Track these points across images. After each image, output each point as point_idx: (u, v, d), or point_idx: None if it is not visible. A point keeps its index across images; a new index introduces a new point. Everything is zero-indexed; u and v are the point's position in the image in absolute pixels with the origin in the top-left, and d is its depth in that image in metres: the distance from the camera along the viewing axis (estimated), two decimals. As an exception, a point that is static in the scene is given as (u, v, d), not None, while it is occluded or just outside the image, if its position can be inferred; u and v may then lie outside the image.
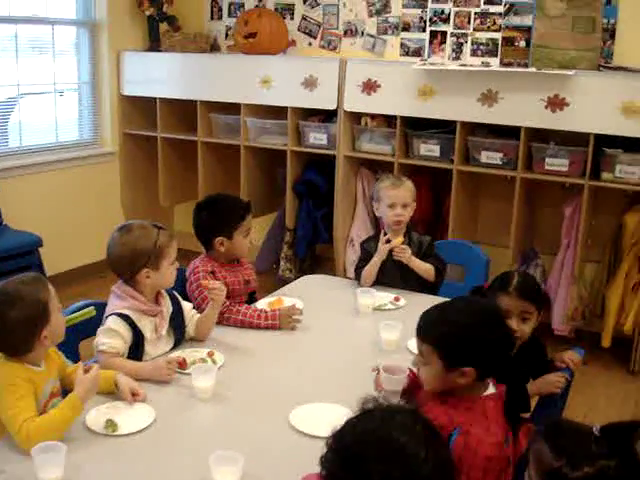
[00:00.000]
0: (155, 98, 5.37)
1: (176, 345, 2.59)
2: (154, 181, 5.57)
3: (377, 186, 3.34)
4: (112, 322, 2.38)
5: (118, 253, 2.46)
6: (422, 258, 3.24)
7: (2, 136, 5.00)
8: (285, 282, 4.94)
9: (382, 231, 3.27)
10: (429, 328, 1.89)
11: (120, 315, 2.40)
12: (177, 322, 2.59)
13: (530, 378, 2.47)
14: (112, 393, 2.21)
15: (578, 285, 4.33)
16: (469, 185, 4.61)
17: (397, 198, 3.23)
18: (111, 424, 2.05)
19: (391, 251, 3.20)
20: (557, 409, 2.43)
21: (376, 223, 4.94)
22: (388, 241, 3.21)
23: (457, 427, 1.78)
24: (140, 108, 5.54)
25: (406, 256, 3.18)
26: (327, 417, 2.12)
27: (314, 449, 1.95)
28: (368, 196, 4.93)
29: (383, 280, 3.25)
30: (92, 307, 2.45)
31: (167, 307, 2.57)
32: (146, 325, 2.47)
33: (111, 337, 2.36)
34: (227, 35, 5.59)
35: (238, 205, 3.03)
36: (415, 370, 2.06)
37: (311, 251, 5.33)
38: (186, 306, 2.68)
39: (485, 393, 1.88)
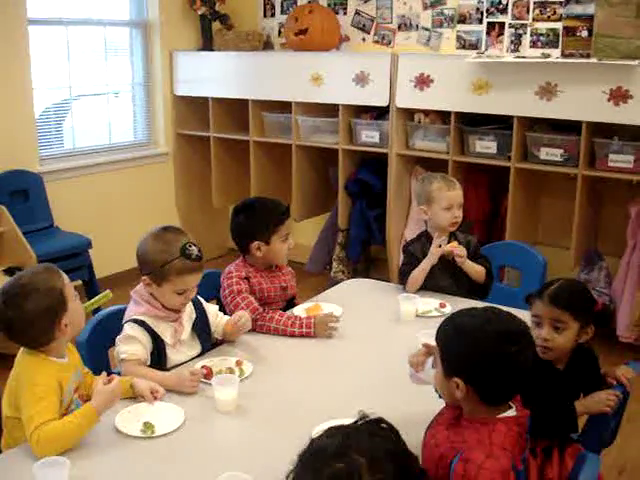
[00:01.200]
0: (208, 98, 5.33)
1: (204, 350, 2.51)
2: (207, 182, 5.53)
3: (427, 188, 3.16)
4: (129, 328, 2.31)
5: (138, 248, 2.40)
6: (471, 259, 3.09)
7: (56, 138, 5.03)
8: (337, 284, 4.84)
9: (436, 235, 3.10)
10: (441, 328, 1.77)
11: (136, 321, 2.33)
12: (201, 328, 2.51)
13: (581, 394, 2.29)
14: (129, 397, 2.15)
15: (645, 289, 4.08)
16: (528, 183, 4.39)
17: (454, 199, 3.09)
18: (150, 426, 2.01)
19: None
20: (608, 430, 2.23)
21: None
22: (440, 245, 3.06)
23: (458, 453, 1.61)
24: (193, 108, 5.52)
25: (463, 257, 3.04)
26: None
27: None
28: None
29: (431, 284, 3.10)
30: (108, 290, 2.38)
31: (189, 313, 2.48)
32: (166, 330, 2.39)
33: (130, 344, 2.29)
34: (280, 32, 5.50)
35: (277, 209, 2.90)
36: None
37: (366, 252, 5.20)
38: (211, 310, 2.59)
39: (501, 415, 1.70)
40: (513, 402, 1.73)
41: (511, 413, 1.70)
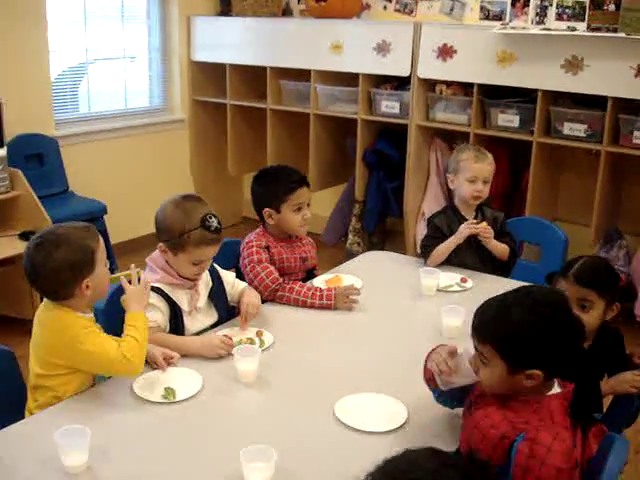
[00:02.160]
0: (225, 64, 5.25)
1: (221, 318, 2.49)
2: (223, 149, 5.48)
3: (457, 157, 3.11)
4: None
5: (156, 214, 2.39)
6: (497, 235, 3.04)
7: (72, 102, 4.99)
8: (353, 256, 4.79)
9: (470, 220, 3.05)
10: (489, 327, 1.67)
11: (152, 288, 2.30)
12: (217, 296, 2.49)
13: (605, 375, 2.26)
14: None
15: (665, 268, 4.03)
16: (550, 158, 4.32)
17: (479, 172, 3.03)
18: (171, 392, 2.01)
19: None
20: (633, 411, 2.21)
21: (449, 197, 4.71)
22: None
23: (521, 433, 1.58)
24: (210, 74, 5.45)
25: (489, 238, 3.00)
26: (376, 410, 1.98)
27: (358, 444, 1.83)
28: (442, 168, 4.71)
29: (456, 260, 3.06)
30: (139, 269, 2.36)
31: (206, 281, 2.47)
32: (182, 297, 2.38)
33: (148, 311, 2.25)
34: (299, -1, 5.41)
35: (289, 178, 2.82)
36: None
37: (381, 224, 5.15)
38: (228, 279, 2.57)
39: (550, 392, 1.68)
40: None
41: (557, 388, 1.70)
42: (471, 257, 3.06)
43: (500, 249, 3.05)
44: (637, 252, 4.19)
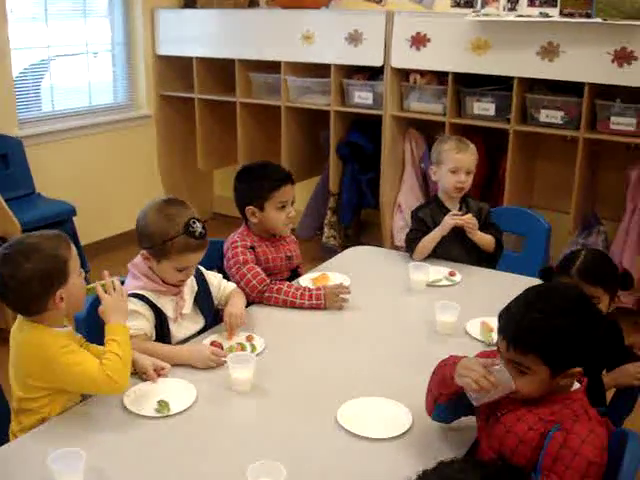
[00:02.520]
0: (191, 57, 5.13)
1: (207, 323, 2.40)
2: (192, 145, 5.35)
3: (438, 147, 3.06)
4: (130, 304, 2.15)
5: (137, 219, 2.28)
6: (482, 227, 2.99)
7: (34, 100, 4.82)
8: (329, 249, 4.74)
9: (454, 212, 3.00)
10: (532, 337, 1.58)
11: (136, 295, 2.21)
12: (203, 300, 2.40)
13: (605, 368, 2.23)
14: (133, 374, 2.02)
15: (644, 253, 4.02)
16: (526, 146, 4.29)
17: (462, 163, 2.98)
18: (165, 405, 1.91)
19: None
20: (635, 403, 2.18)
21: (425, 188, 4.67)
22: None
23: (557, 424, 1.57)
24: (176, 68, 5.32)
25: (474, 229, 2.94)
26: (380, 415, 1.92)
27: (364, 452, 1.76)
28: (417, 159, 4.66)
29: (441, 252, 3.00)
30: (114, 277, 2.25)
31: (191, 286, 2.37)
32: (167, 304, 2.28)
33: (134, 319, 2.16)
34: (266, -11, 5.30)
35: (274, 175, 2.75)
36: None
37: (357, 217, 5.08)
38: (213, 281, 2.48)
39: (573, 388, 1.67)
40: None
41: (577, 385, 1.68)
42: (457, 249, 3.01)
43: (486, 240, 3.00)
44: (615, 237, 4.18)
